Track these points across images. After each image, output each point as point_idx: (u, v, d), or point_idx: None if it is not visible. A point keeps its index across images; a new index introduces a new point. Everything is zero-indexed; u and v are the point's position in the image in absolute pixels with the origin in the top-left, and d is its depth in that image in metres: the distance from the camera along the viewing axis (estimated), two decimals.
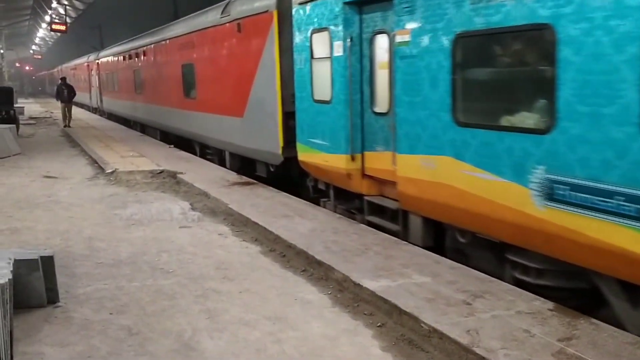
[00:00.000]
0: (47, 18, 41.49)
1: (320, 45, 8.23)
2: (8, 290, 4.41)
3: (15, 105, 21.81)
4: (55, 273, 5.39)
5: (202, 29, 13.55)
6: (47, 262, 5.32)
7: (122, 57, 23.37)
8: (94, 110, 34.15)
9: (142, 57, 19.84)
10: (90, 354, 4.39)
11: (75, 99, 25.91)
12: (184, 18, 16.41)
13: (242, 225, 8.12)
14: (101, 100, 30.54)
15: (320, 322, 4.94)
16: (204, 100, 13.78)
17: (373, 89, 7.48)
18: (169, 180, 11.58)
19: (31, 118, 29.28)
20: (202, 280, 6.01)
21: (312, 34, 8.44)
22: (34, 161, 14.78)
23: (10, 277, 4.56)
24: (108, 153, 15.19)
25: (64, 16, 33.08)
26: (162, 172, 12.15)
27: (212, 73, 13.07)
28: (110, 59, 26.79)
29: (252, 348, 4.47)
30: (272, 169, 10.64)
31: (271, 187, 10.29)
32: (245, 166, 11.92)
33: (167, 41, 16.71)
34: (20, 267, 5.06)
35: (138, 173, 12.12)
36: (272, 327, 4.83)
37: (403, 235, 6.91)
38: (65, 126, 23.57)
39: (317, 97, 8.42)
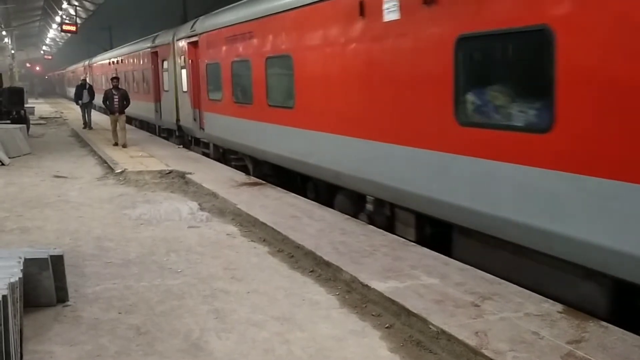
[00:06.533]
0: (58, 19, 41.85)
1: None
2: (18, 289, 4.44)
3: (25, 106, 21.95)
4: (64, 272, 5.43)
5: None
6: (57, 262, 5.35)
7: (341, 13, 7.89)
8: (166, 134, 19.83)
9: None
10: (99, 353, 4.41)
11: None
12: None
13: (250, 225, 8.14)
14: (196, 119, 15.45)
15: (328, 322, 4.94)
16: None
17: None
18: (178, 181, 11.62)
19: (41, 118, 29.51)
20: (210, 280, 6.03)
21: None
22: (43, 161, 14.88)
23: (21, 276, 4.59)
24: (117, 153, 15.26)
25: (75, 17, 33.33)
26: (170, 172, 12.20)
27: None
28: (251, 31, 11.00)
29: (260, 348, 4.48)
30: None
31: (279, 188, 10.30)
32: None
33: None
34: (30, 266, 5.09)
35: (147, 173, 12.17)
36: (280, 328, 4.84)
37: None
38: (118, 144, 16.88)
39: None
